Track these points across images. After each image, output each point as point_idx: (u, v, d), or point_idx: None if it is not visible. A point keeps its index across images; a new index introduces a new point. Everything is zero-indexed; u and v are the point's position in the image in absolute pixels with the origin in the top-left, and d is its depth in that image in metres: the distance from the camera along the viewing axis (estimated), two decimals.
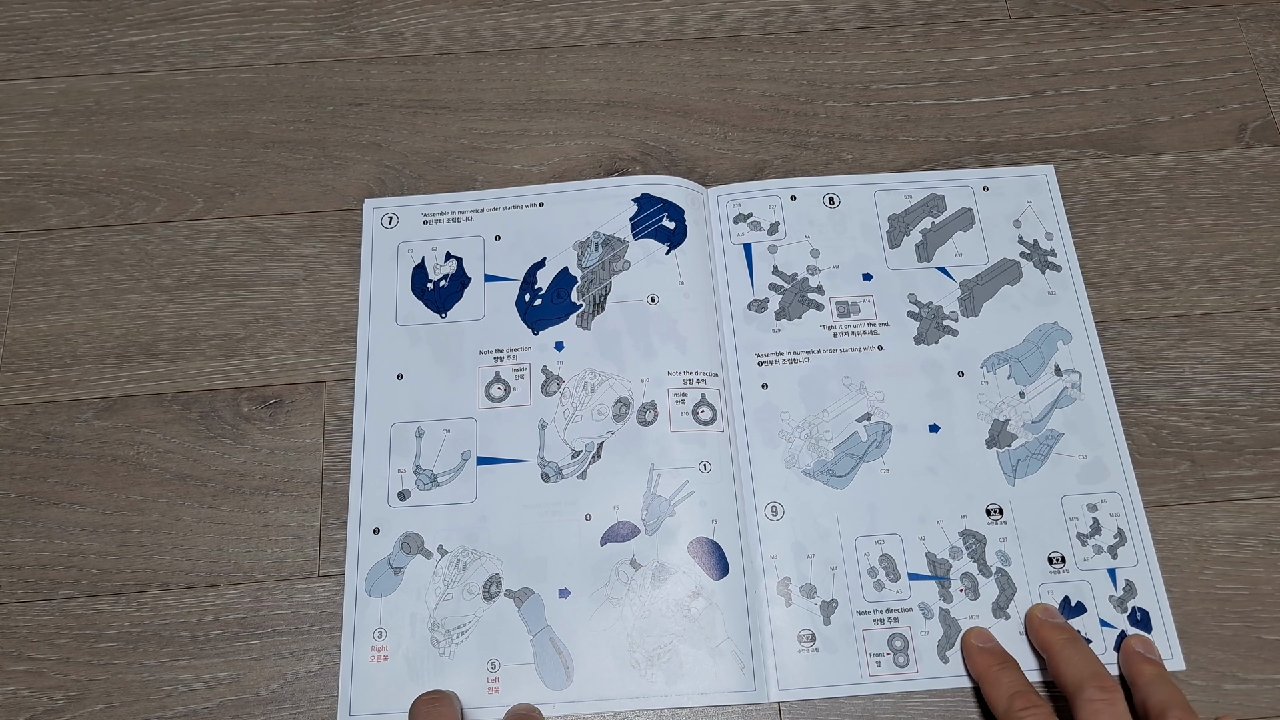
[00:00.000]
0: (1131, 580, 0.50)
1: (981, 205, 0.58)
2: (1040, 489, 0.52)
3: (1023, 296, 0.56)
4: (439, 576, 0.50)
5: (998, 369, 0.54)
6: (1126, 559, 0.51)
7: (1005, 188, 0.58)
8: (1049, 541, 0.51)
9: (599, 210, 0.57)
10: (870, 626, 0.50)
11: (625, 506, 0.51)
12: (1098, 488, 0.52)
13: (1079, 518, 0.51)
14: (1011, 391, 0.54)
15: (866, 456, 0.53)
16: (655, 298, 0.55)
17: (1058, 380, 0.54)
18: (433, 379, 0.54)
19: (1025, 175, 0.59)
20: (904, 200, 0.58)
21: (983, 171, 0.59)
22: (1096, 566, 0.51)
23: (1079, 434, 0.53)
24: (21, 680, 0.49)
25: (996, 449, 0.53)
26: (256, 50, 0.63)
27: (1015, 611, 0.50)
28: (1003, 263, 0.57)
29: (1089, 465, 0.52)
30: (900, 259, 0.57)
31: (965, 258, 0.57)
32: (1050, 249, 0.57)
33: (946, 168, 0.59)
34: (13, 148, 0.60)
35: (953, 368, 0.54)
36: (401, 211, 0.58)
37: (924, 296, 0.56)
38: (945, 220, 0.58)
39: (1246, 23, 0.63)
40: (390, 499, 0.52)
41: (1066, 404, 0.53)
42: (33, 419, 0.54)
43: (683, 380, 0.53)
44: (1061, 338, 0.55)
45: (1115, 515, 0.51)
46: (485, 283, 0.56)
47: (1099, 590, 0.50)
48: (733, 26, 0.64)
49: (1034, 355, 0.54)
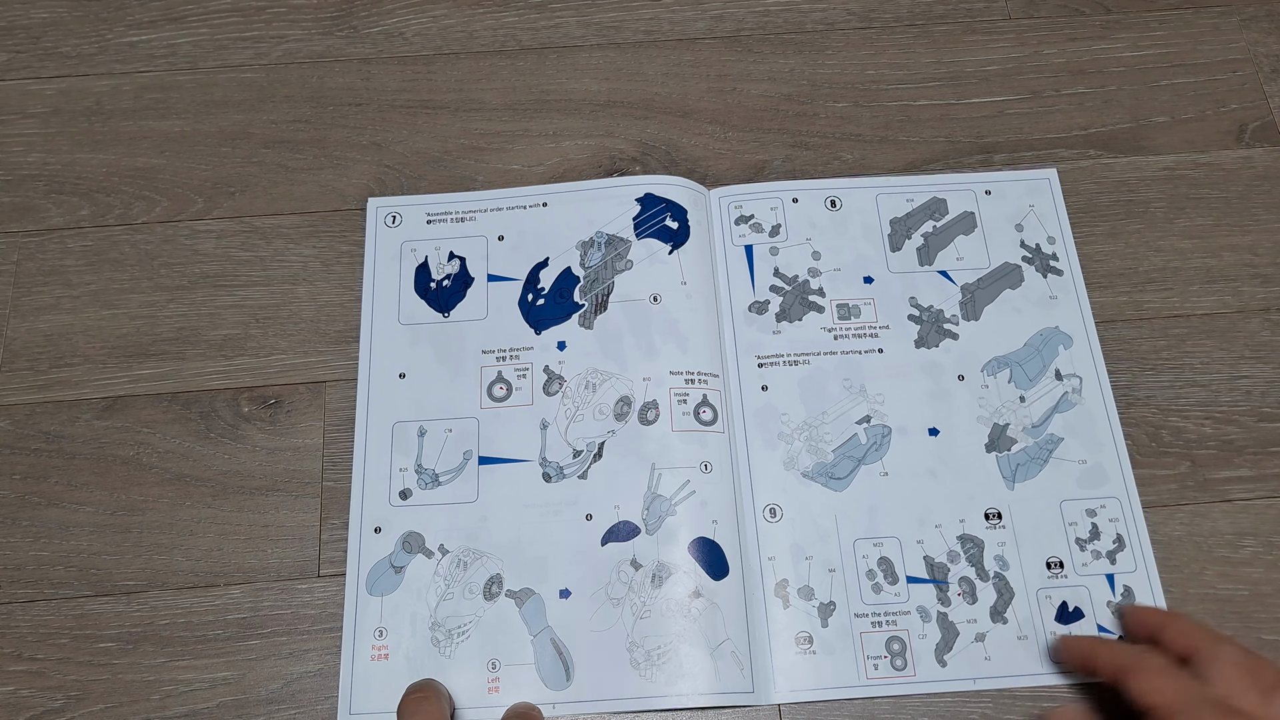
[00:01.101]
0: (1130, 586, 0.50)
1: (984, 209, 0.58)
2: (1039, 493, 0.52)
3: (1024, 300, 0.56)
4: (440, 576, 0.50)
5: (998, 373, 0.54)
6: (1125, 564, 0.51)
7: (1008, 191, 0.58)
8: (1048, 546, 0.51)
9: (602, 210, 0.57)
10: (868, 629, 0.50)
11: (626, 506, 0.51)
12: (1097, 493, 0.52)
13: (1078, 522, 0.51)
14: (1012, 396, 0.54)
15: (866, 459, 0.53)
16: (657, 297, 0.55)
17: (1058, 385, 0.54)
18: (435, 378, 0.54)
19: (1028, 179, 0.58)
20: (906, 204, 0.58)
21: (985, 175, 0.59)
22: (1095, 572, 0.50)
23: (1079, 438, 0.53)
24: (21, 680, 0.49)
25: (996, 453, 0.53)
26: (256, 50, 0.63)
27: (1013, 616, 0.50)
28: (1004, 266, 0.56)
29: (1089, 470, 0.52)
30: (901, 262, 0.57)
31: (967, 261, 0.57)
32: (1052, 253, 0.57)
33: (947, 168, 0.59)
34: (13, 148, 0.60)
35: (953, 371, 0.54)
36: (405, 211, 0.58)
37: (925, 300, 0.56)
38: (947, 223, 0.58)
39: (1246, 23, 0.63)
40: (392, 498, 0.52)
41: (1067, 409, 0.53)
42: (33, 419, 0.54)
43: (685, 380, 0.53)
44: (1063, 342, 0.55)
45: (1115, 520, 0.51)
46: (488, 282, 0.56)
47: (1097, 595, 0.50)
48: (733, 26, 0.64)
49: (1035, 359, 0.54)
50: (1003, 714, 0.48)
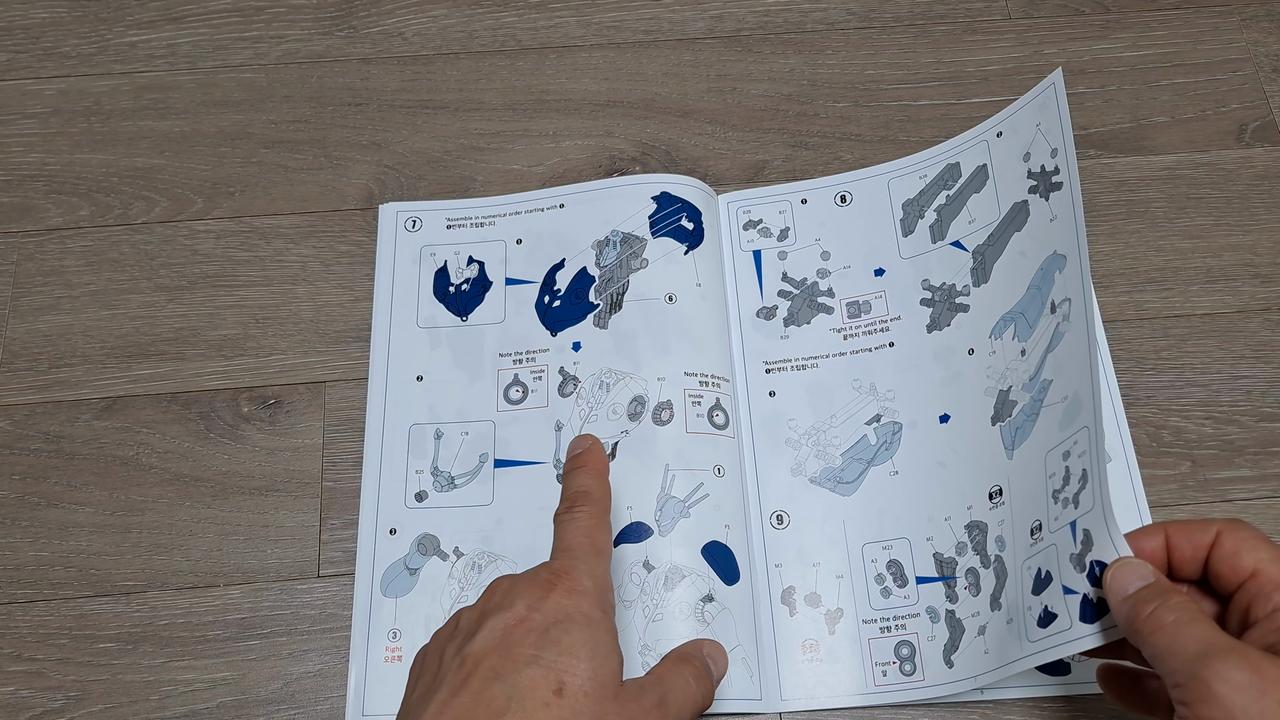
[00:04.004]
0: (1088, 529, 0.41)
1: (995, 154, 0.54)
2: (1032, 455, 0.47)
3: (1029, 238, 0.50)
4: (454, 578, 0.50)
5: (1004, 332, 0.51)
6: (1085, 504, 0.42)
7: (1018, 124, 0.53)
8: (1032, 511, 0.46)
9: (618, 209, 0.57)
10: (876, 635, 0.49)
11: (639, 507, 0.50)
12: (1072, 429, 0.44)
13: (1056, 473, 0.44)
14: (1014, 352, 0.50)
15: (875, 460, 0.52)
16: (673, 296, 0.54)
17: (1051, 319, 0.47)
18: (452, 381, 0.54)
19: (1036, 96, 0.52)
20: (919, 181, 0.56)
21: (997, 118, 0.54)
22: (1063, 524, 0.43)
23: (1064, 374, 0.46)
24: (21, 680, 0.49)
25: (1000, 424, 0.49)
26: (256, 50, 0.63)
27: (1005, 600, 0.46)
28: (1012, 209, 0.52)
29: (1068, 406, 0.45)
30: (913, 245, 0.55)
31: (979, 221, 0.53)
32: (1055, 167, 0.50)
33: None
34: (13, 148, 0.60)
35: (963, 347, 0.52)
36: (425, 216, 0.58)
37: (937, 279, 0.54)
38: (960, 187, 0.55)
39: (1246, 23, 0.63)
40: (408, 500, 0.52)
41: (1057, 343, 0.47)
42: (33, 419, 0.54)
43: (699, 382, 0.53)
44: (1058, 266, 0.48)
45: (1082, 455, 0.43)
46: (506, 286, 0.56)
47: (1062, 551, 0.42)
48: (733, 26, 0.64)
49: (1035, 301, 0.50)
50: (1002, 714, 0.48)
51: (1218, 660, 0.34)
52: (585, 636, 0.38)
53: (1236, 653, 0.34)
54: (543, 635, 0.38)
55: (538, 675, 0.36)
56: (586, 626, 0.38)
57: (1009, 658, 0.44)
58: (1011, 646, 0.44)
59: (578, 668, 0.37)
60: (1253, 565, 0.38)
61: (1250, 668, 0.34)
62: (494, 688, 0.36)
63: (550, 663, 0.37)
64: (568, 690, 0.36)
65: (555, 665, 0.37)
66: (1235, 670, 0.34)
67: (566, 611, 0.38)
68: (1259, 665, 0.34)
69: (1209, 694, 0.34)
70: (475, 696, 0.36)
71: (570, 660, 0.37)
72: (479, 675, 0.37)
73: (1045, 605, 0.42)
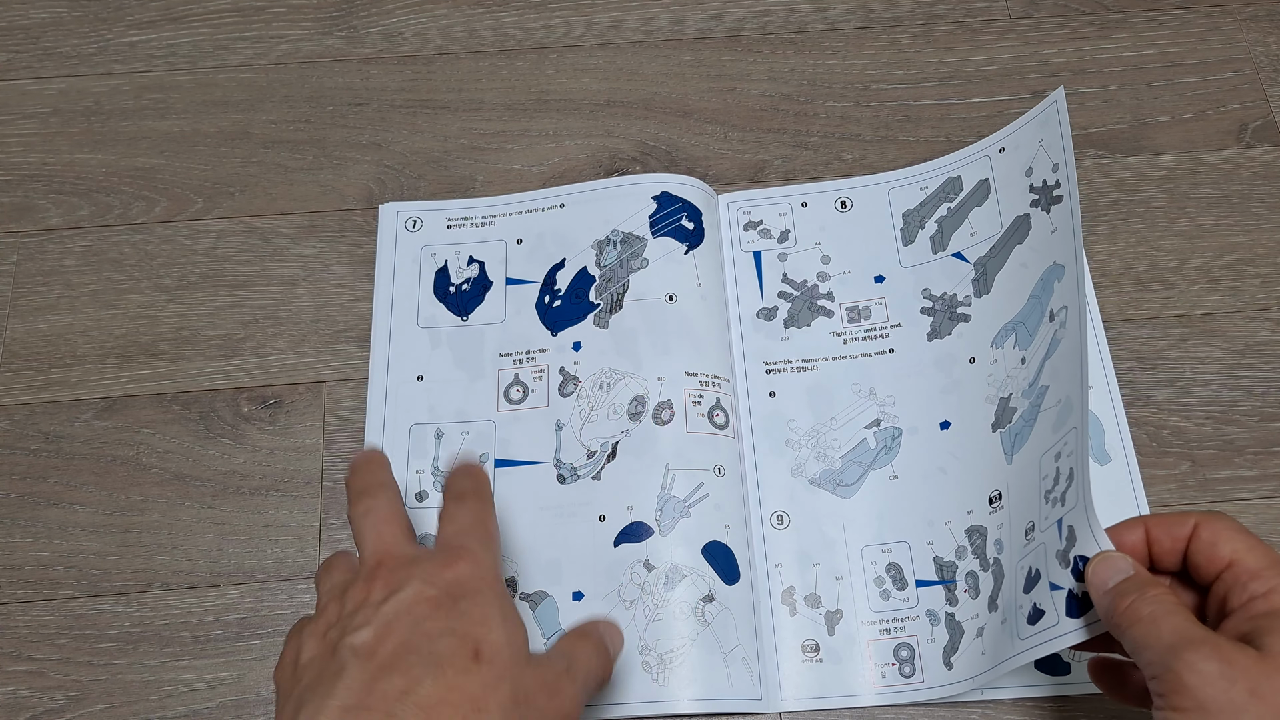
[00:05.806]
0: (1072, 525, 0.41)
1: (997, 169, 0.55)
2: (1029, 459, 0.47)
3: (1031, 250, 0.51)
4: None
5: (1005, 341, 0.51)
6: (1071, 501, 0.42)
7: (1021, 140, 0.54)
8: (1028, 513, 0.46)
9: (618, 208, 0.57)
10: (876, 637, 0.49)
11: (639, 507, 0.50)
12: (1063, 430, 0.45)
13: (1049, 474, 0.45)
14: (1015, 360, 0.50)
15: (875, 464, 0.52)
16: (673, 296, 0.54)
17: (1049, 327, 0.49)
18: (453, 381, 0.54)
19: (1039, 114, 0.54)
20: (919, 193, 0.57)
21: (1000, 134, 0.56)
22: (1051, 522, 0.43)
23: (1059, 378, 0.46)
24: (21, 680, 0.49)
25: (1000, 430, 0.50)
26: (256, 50, 0.63)
27: (1000, 601, 0.46)
28: (1015, 223, 0.53)
29: (1061, 409, 0.46)
30: (914, 255, 0.55)
31: (980, 234, 0.54)
32: (1056, 181, 0.51)
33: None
34: (13, 148, 0.60)
35: (964, 356, 0.52)
36: (425, 216, 0.58)
37: (938, 289, 0.54)
38: (961, 201, 0.56)
39: (1246, 23, 0.63)
40: (408, 500, 0.52)
41: (1054, 350, 0.48)
42: (33, 419, 0.54)
43: (699, 382, 0.53)
44: (1057, 276, 0.49)
45: (1071, 455, 0.43)
46: (506, 286, 0.56)
47: (1050, 549, 0.43)
48: (733, 26, 0.64)
49: (1035, 310, 0.50)
50: (1002, 714, 0.48)
51: (1189, 651, 0.35)
52: (495, 607, 0.38)
53: (1208, 644, 0.35)
54: (452, 609, 0.38)
55: (454, 644, 0.37)
56: (495, 597, 0.39)
57: (1002, 656, 0.45)
58: (1004, 645, 0.45)
59: (491, 635, 0.37)
60: (1229, 555, 0.38)
61: (1220, 658, 0.34)
62: (408, 660, 0.36)
63: (465, 632, 0.37)
64: (484, 655, 0.37)
65: (470, 634, 0.37)
66: (1206, 661, 0.34)
67: (474, 584, 0.39)
68: (1229, 655, 0.34)
69: (1180, 685, 0.34)
70: (389, 674, 0.36)
71: (483, 629, 0.37)
72: (388, 653, 0.36)
73: (1034, 602, 0.43)
